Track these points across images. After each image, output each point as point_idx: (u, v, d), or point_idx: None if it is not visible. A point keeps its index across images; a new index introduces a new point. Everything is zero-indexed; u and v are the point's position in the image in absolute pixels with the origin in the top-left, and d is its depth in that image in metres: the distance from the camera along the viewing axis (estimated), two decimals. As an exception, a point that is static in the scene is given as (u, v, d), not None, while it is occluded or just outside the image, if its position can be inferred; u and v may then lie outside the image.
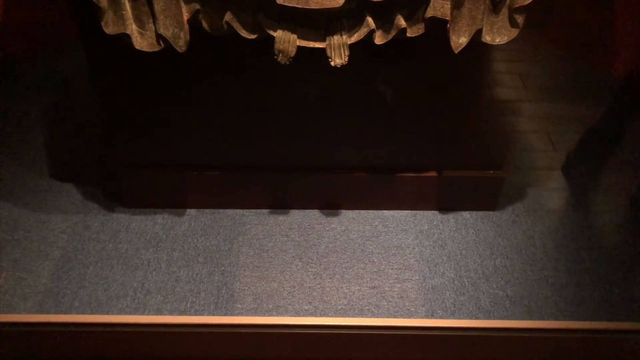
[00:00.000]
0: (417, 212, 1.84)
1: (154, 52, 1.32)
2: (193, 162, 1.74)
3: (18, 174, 1.94)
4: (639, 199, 1.89)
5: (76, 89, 2.31)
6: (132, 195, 1.80)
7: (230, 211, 1.83)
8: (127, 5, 1.25)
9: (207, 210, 1.83)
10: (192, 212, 1.83)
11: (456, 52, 1.31)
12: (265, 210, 1.83)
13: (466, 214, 1.84)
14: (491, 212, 1.84)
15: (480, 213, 1.84)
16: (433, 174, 1.77)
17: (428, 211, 1.84)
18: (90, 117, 2.15)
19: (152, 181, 1.76)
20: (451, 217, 1.83)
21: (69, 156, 2.03)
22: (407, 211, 1.84)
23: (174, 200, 1.82)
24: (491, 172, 1.77)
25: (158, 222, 1.79)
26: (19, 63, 2.36)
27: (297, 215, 1.82)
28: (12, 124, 2.14)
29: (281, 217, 1.82)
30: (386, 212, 1.84)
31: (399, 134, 1.69)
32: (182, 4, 1.24)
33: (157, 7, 1.24)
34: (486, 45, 1.34)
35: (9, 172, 1.95)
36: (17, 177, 1.93)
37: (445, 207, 1.84)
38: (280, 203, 1.83)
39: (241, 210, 1.83)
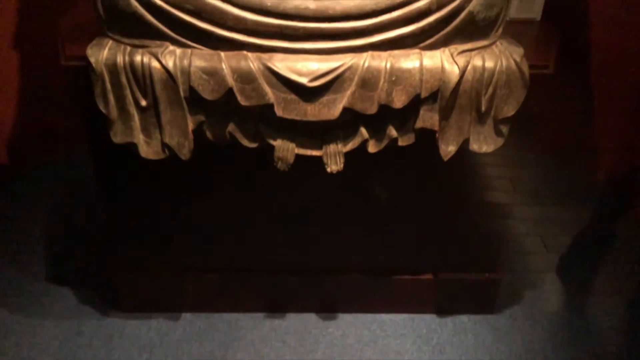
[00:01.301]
0: (415, 315, 1.83)
1: (157, 159, 1.38)
2: (191, 265, 1.76)
3: (15, 278, 1.94)
4: (636, 302, 1.89)
5: (77, 195, 2.36)
6: (129, 299, 1.79)
7: (226, 315, 1.81)
8: (136, 117, 1.33)
9: (203, 314, 1.81)
10: (187, 316, 1.81)
11: (445, 159, 1.38)
12: (261, 314, 1.82)
13: (464, 318, 1.82)
14: (489, 316, 1.83)
15: (478, 316, 1.83)
16: (429, 276, 1.78)
17: (426, 314, 1.83)
18: (89, 222, 2.18)
19: (150, 284, 1.76)
20: (449, 321, 1.81)
21: (67, 260, 2.04)
22: (405, 314, 1.83)
23: (171, 303, 1.81)
24: (486, 274, 1.78)
25: (153, 327, 1.77)
26: (23, 169, 2.43)
27: (293, 319, 1.80)
28: (12, 228, 2.18)
29: (277, 321, 1.80)
30: (384, 316, 1.82)
31: (394, 236, 1.72)
32: (188, 116, 1.32)
33: (164, 118, 1.32)
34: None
35: (6, 276, 1.95)
36: (14, 282, 1.93)
37: (443, 310, 1.83)
38: (276, 306, 1.82)
39: (237, 314, 1.82)
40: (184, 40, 1.28)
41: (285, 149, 1.37)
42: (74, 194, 2.36)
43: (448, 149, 1.38)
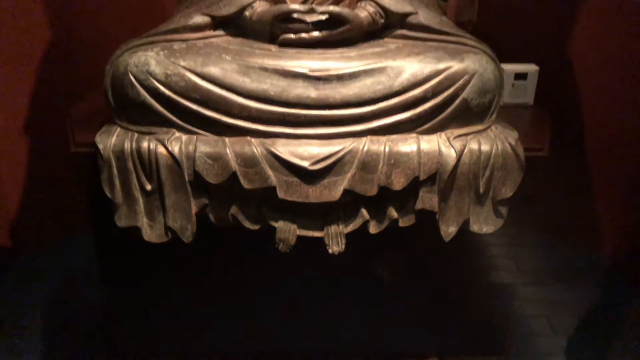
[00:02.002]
0: (421, 402, 1.76)
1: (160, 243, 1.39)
2: (192, 351, 1.72)
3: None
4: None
5: (77, 280, 2.34)
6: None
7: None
8: (141, 201, 1.36)
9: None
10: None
11: (446, 240, 1.39)
12: (262, 402, 1.75)
13: (472, 404, 1.76)
14: (499, 403, 1.76)
15: (488, 403, 1.76)
16: (435, 360, 1.74)
17: (432, 401, 1.77)
18: (89, 308, 2.15)
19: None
20: (457, 409, 1.74)
21: (66, 347, 1.99)
22: (410, 401, 1.76)
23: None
24: (493, 357, 1.73)
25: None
26: (25, 251, 2.43)
27: (295, 408, 1.74)
28: (9, 312, 2.14)
29: (279, 410, 1.73)
30: (389, 403, 1.76)
31: (398, 319, 1.70)
32: (192, 199, 1.35)
33: (168, 201, 1.35)
34: (476, 232, 1.42)
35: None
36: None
37: (450, 397, 1.77)
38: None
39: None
40: (190, 127, 1.34)
41: (287, 231, 1.38)
42: (74, 278, 2.34)
43: (449, 230, 1.40)
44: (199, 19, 1.42)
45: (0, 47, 1.61)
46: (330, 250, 1.39)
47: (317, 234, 1.40)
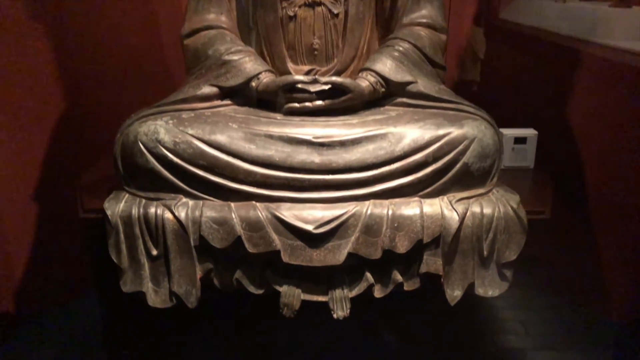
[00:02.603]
0: None
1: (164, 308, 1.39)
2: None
3: None
4: None
5: (82, 345, 2.30)
6: None
7: None
8: (146, 266, 1.36)
9: None
10: None
11: (452, 304, 1.38)
12: None
13: None
14: None
15: None
16: None
17: None
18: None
19: None
20: None
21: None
22: None
23: None
24: None
25: None
26: (29, 317, 2.41)
27: None
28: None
29: None
30: None
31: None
32: (197, 264, 1.36)
33: (174, 266, 1.35)
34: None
35: None
36: None
37: None
38: None
39: None
40: (196, 193, 1.36)
41: (291, 295, 1.37)
42: (78, 344, 2.30)
43: (454, 293, 1.39)
44: (207, 89, 1.48)
45: (14, 115, 1.67)
46: (335, 315, 1.38)
47: (321, 298, 1.39)
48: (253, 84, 1.49)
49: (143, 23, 2.23)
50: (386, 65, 1.49)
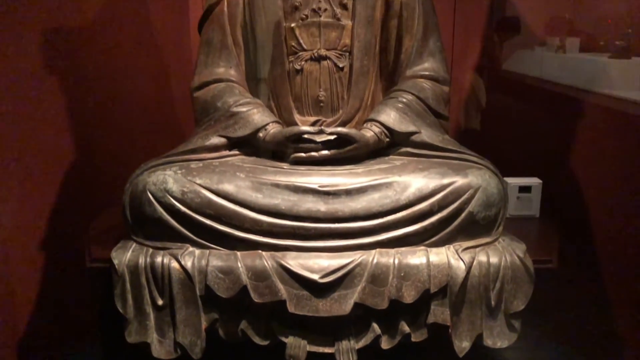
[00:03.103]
0: None
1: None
2: None
3: None
4: None
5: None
6: None
7: None
8: (152, 316, 1.36)
9: None
10: None
11: (460, 355, 1.36)
12: None
13: None
14: None
15: None
16: None
17: None
18: None
19: None
20: None
21: None
22: None
23: None
24: None
25: None
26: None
27: None
28: None
29: None
30: None
31: None
32: (202, 314, 1.35)
33: (179, 317, 1.35)
34: (490, 346, 1.39)
35: None
36: None
37: None
38: None
39: None
40: (203, 242, 1.37)
41: (297, 347, 1.36)
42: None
43: (462, 344, 1.37)
44: (215, 140, 1.51)
45: (24, 163, 1.70)
46: (341, 367, 1.36)
47: (327, 349, 1.37)
48: (260, 134, 1.52)
49: (155, 76, 2.30)
50: (390, 116, 1.52)
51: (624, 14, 2.17)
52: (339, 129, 1.49)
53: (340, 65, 1.59)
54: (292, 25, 1.57)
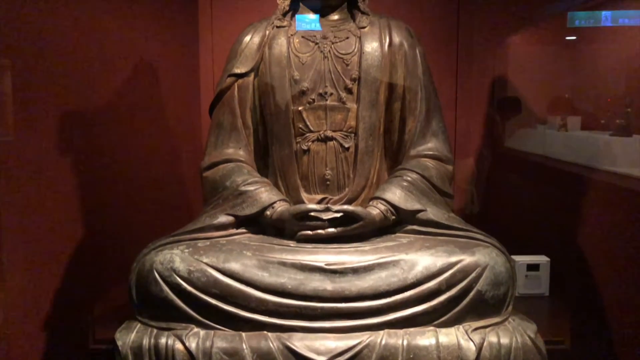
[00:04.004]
0: None
1: None
2: None
3: None
4: None
5: None
6: None
7: None
8: None
9: None
10: None
11: None
12: None
13: None
14: None
15: None
16: None
17: None
18: None
19: None
20: None
21: None
22: None
23: None
24: None
25: None
26: None
27: None
28: None
29: None
30: None
31: None
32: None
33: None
34: None
35: None
36: None
37: None
38: None
39: None
40: (208, 322, 1.36)
41: None
42: None
43: None
44: (223, 218, 1.53)
45: (30, 243, 1.71)
46: None
47: None
48: (268, 212, 1.54)
49: (166, 156, 2.36)
50: (396, 194, 1.54)
51: (622, 93, 2.23)
52: (345, 207, 1.51)
53: (346, 146, 1.63)
54: (300, 108, 1.63)
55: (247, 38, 1.69)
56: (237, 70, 1.67)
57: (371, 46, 1.65)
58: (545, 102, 2.51)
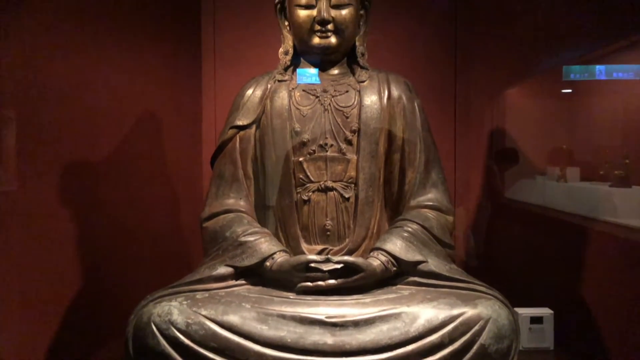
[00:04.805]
0: None
1: None
2: None
3: None
4: None
5: None
6: None
7: None
8: None
9: None
10: None
11: None
12: None
13: None
14: None
15: None
16: None
17: None
18: None
19: None
20: None
21: None
22: None
23: None
24: None
25: None
26: None
27: None
28: None
29: None
30: None
31: None
32: None
33: None
34: None
35: None
36: None
37: None
38: None
39: None
40: (205, 377, 1.32)
41: None
42: None
43: None
44: (222, 269, 1.52)
45: (26, 296, 1.69)
46: None
47: None
48: (267, 263, 1.53)
49: (166, 207, 2.36)
50: (396, 245, 1.54)
51: (619, 145, 2.26)
52: (346, 258, 1.50)
53: (346, 196, 1.64)
54: (301, 159, 1.65)
55: (250, 91, 1.73)
56: (240, 122, 1.70)
57: (370, 99, 1.68)
58: (544, 153, 2.54)
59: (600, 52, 2.15)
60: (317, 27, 1.66)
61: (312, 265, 1.49)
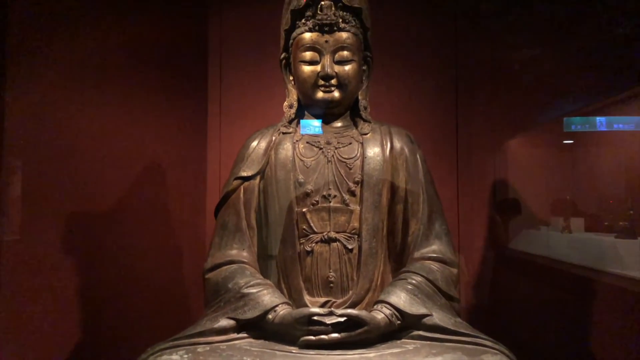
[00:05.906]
0: None
1: None
2: None
3: None
4: None
5: None
6: None
7: None
8: None
9: None
10: None
11: None
12: None
13: None
14: None
15: None
16: None
17: None
18: None
19: None
20: None
21: None
22: None
23: None
24: None
25: None
26: None
27: None
28: None
29: None
30: None
31: None
32: None
33: None
34: None
35: None
36: None
37: None
38: None
39: None
40: None
41: None
42: None
43: None
44: (224, 322, 1.50)
45: (24, 343, 1.67)
46: None
47: None
48: (270, 316, 1.51)
49: (168, 258, 2.36)
50: (400, 298, 1.52)
51: (623, 195, 2.26)
52: (350, 311, 1.48)
53: (350, 247, 1.63)
54: (304, 210, 1.65)
55: (254, 143, 1.75)
56: (244, 173, 1.71)
57: (373, 151, 1.70)
58: (547, 203, 2.54)
59: (600, 103, 2.19)
60: (321, 82, 1.70)
61: (315, 318, 1.47)
